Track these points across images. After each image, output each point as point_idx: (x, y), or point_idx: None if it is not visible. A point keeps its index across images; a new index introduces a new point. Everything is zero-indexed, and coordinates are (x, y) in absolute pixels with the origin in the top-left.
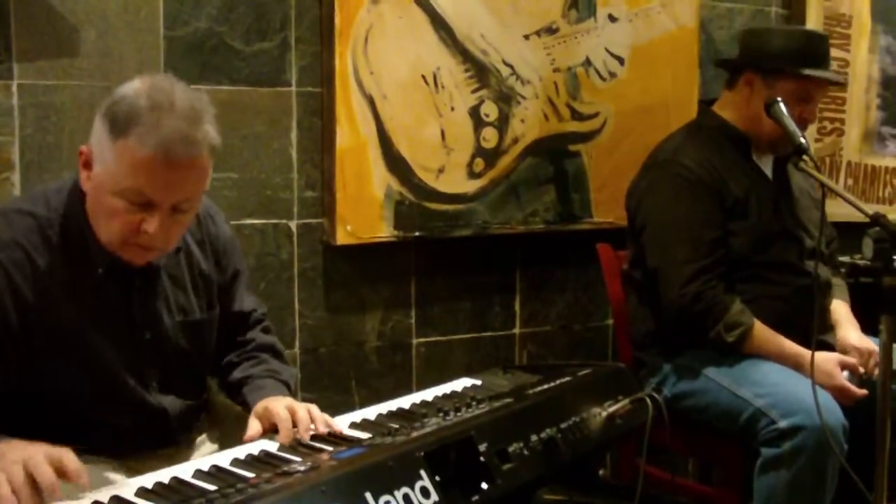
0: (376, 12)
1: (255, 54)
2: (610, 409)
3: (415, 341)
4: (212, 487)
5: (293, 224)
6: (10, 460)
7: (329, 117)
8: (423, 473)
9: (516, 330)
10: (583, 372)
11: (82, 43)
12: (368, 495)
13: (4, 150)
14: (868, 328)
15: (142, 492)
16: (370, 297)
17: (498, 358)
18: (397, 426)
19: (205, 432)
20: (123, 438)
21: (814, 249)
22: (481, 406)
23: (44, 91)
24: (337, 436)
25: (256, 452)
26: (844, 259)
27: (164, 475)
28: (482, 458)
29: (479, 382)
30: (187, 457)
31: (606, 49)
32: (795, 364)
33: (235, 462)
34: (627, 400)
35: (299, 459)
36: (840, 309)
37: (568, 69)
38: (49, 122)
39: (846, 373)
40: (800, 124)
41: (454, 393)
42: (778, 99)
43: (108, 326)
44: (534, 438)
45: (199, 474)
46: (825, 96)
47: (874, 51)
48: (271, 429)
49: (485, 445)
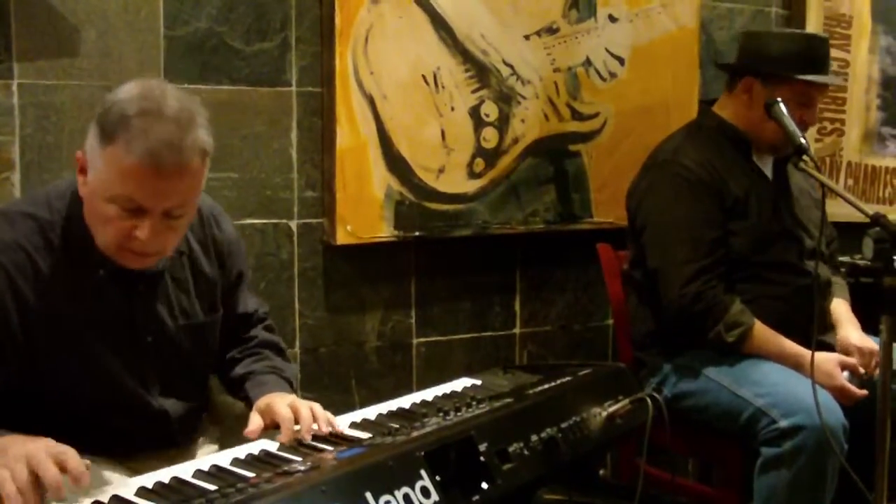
0: (376, 12)
1: (256, 54)
2: (610, 409)
3: (415, 341)
4: (212, 487)
5: (293, 224)
6: (13, 457)
7: (329, 117)
8: (424, 473)
9: (516, 330)
10: (583, 372)
11: (82, 43)
12: (369, 495)
13: (4, 150)
14: (868, 328)
15: (142, 491)
16: (370, 297)
17: (498, 358)
18: (397, 426)
19: (206, 434)
20: (124, 440)
21: (814, 249)
22: (481, 406)
23: (44, 91)
24: (337, 435)
25: (257, 452)
26: (844, 259)
27: (165, 475)
28: (482, 458)
29: (480, 382)
30: (188, 458)
31: (607, 49)
32: (795, 364)
33: (235, 462)
34: (627, 400)
35: (299, 459)
36: (840, 308)
37: (568, 69)
38: (49, 122)
39: (846, 373)
40: (800, 127)
41: (454, 393)
42: (778, 99)
43: (110, 329)
44: (534, 438)
45: (200, 474)
46: (825, 97)
47: (874, 51)
48: (272, 425)
49: (485, 445)
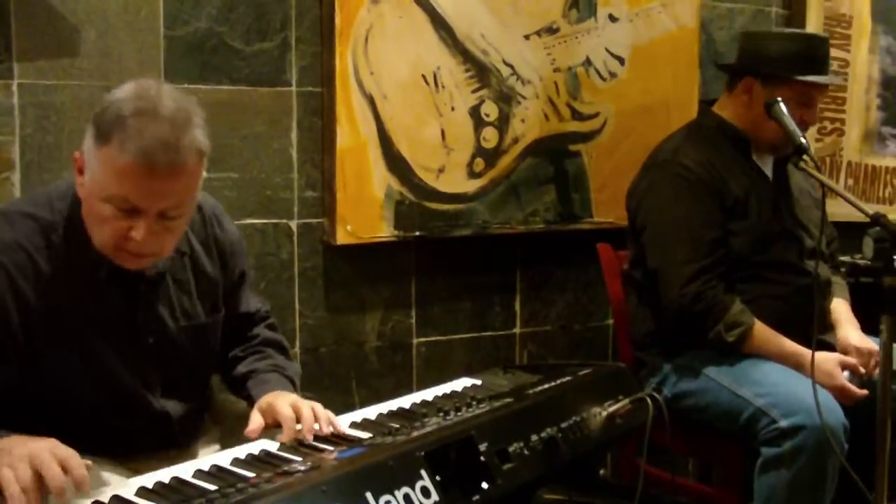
0: (376, 12)
1: (256, 54)
2: (610, 409)
3: (415, 341)
4: (212, 487)
5: (293, 224)
6: (17, 456)
7: (329, 117)
8: (424, 473)
9: (516, 330)
10: (583, 372)
11: (82, 43)
12: (369, 495)
13: (4, 150)
14: (868, 328)
15: (142, 491)
16: (370, 297)
17: (498, 358)
18: (398, 426)
19: (207, 433)
20: (125, 441)
21: (814, 249)
22: (481, 406)
23: (44, 91)
24: (338, 435)
25: (257, 452)
26: (845, 259)
27: (165, 475)
28: (482, 458)
29: (480, 382)
30: (189, 459)
31: (607, 49)
32: (796, 364)
33: (236, 462)
34: (628, 400)
35: (300, 459)
36: (840, 308)
37: (568, 69)
38: (49, 122)
39: (847, 373)
40: (800, 127)
41: (454, 393)
42: (778, 99)
43: (111, 330)
44: (534, 438)
45: (200, 474)
46: (825, 97)
47: (874, 51)
48: (274, 424)
49: (485, 445)
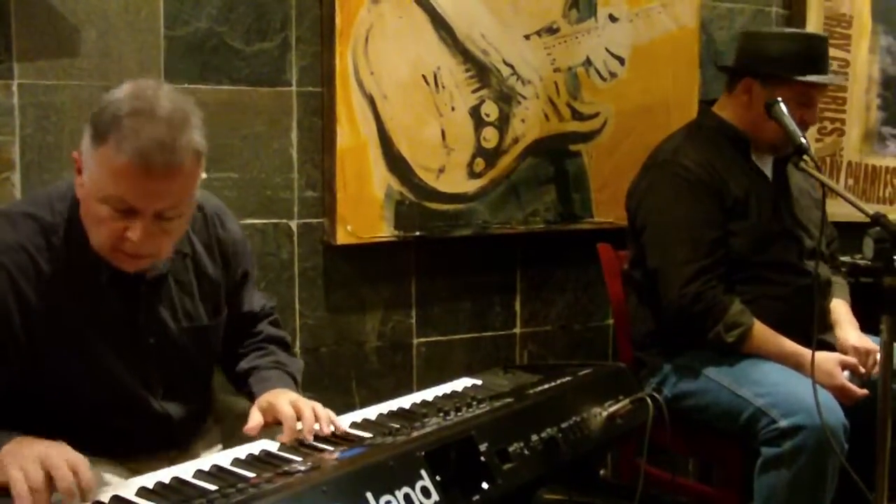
0: (377, 12)
1: (256, 54)
2: (610, 409)
3: (415, 341)
4: (212, 487)
5: (293, 224)
6: (28, 457)
7: (329, 117)
8: (424, 473)
9: (517, 330)
10: (583, 372)
11: (82, 43)
12: (369, 495)
13: (4, 150)
14: (868, 328)
15: (142, 492)
16: (370, 297)
17: (498, 358)
18: (398, 426)
19: (209, 434)
20: (126, 442)
21: (814, 249)
22: (482, 406)
23: (44, 91)
24: (338, 435)
25: (257, 452)
26: (845, 259)
27: (165, 475)
28: (483, 458)
29: (480, 382)
30: (191, 460)
31: (607, 49)
32: (795, 364)
33: (236, 462)
34: (628, 400)
35: (300, 459)
36: (840, 308)
37: (568, 69)
38: (49, 122)
39: (847, 372)
40: (800, 127)
41: (454, 393)
42: (778, 99)
43: (112, 331)
44: (534, 438)
45: (200, 474)
46: (825, 97)
47: (874, 51)
48: (274, 422)
49: (485, 445)
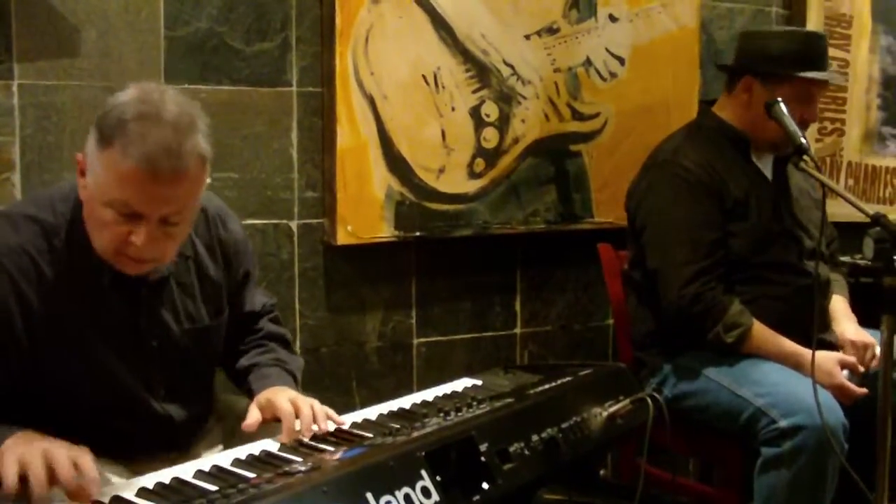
0: (377, 12)
1: (256, 54)
2: (610, 409)
3: (415, 341)
4: (213, 487)
5: (294, 224)
6: (32, 451)
7: (329, 117)
8: (424, 473)
9: (517, 330)
10: (583, 372)
11: (83, 43)
12: (369, 495)
13: (5, 150)
14: (868, 328)
15: (143, 492)
16: (371, 298)
17: (499, 358)
18: (398, 426)
19: (210, 435)
20: (128, 444)
21: (814, 250)
22: (482, 406)
23: (44, 91)
24: (339, 433)
25: (257, 452)
26: (845, 259)
27: (165, 475)
28: (483, 458)
29: (480, 382)
30: (192, 461)
31: (607, 49)
32: (795, 363)
33: (236, 462)
34: (628, 400)
35: (300, 459)
36: (838, 304)
37: (568, 69)
38: (49, 123)
39: (846, 372)
40: (801, 125)
41: (455, 393)
42: (778, 99)
43: (114, 333)
44: (534, 438)
45: (200, 474)
46: (825, 96)
47: (875, 51)
48: (273, 419)
49: (485, 445)
